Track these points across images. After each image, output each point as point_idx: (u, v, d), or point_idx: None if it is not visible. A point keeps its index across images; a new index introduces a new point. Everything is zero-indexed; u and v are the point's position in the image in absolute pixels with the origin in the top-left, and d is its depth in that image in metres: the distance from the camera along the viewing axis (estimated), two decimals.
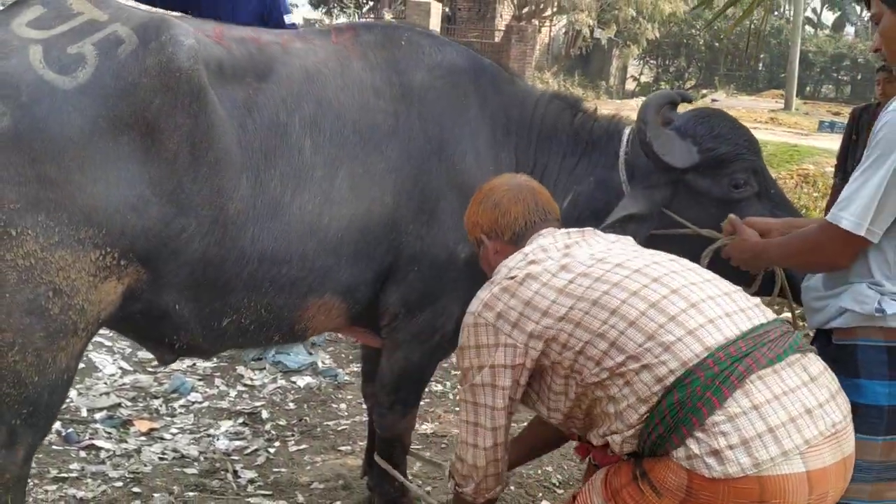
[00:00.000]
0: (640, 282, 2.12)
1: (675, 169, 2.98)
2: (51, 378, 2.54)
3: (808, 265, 2.48)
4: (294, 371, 5.31)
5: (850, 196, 2.26)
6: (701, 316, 2.05)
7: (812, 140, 17.65)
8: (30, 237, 2.36)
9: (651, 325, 2.04)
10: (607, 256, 2.25)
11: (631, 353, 2.04)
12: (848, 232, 2.24)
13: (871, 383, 2.33)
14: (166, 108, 2.49)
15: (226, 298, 2.80)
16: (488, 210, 2.51)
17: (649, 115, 2.95)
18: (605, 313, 2.09)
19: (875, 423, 2.33)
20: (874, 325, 2.31)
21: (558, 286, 2.18)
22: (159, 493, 3.76)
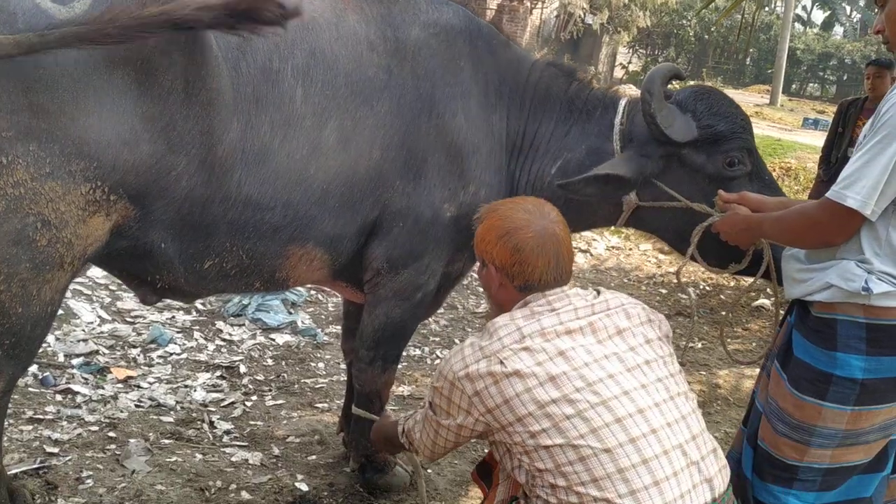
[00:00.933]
0: (618, 439, 2.06)
1: (673, 143, 3.01)
2: (35, 310, 2.54)
3: (803, 241, 2.50)
4: (273, 329, 5.33)
5: (853, 174, 2.27)
6: (659, 497, 2.04)
7: (795, 135, 17.80)
8: (20, 166, 2.35)
9: (611, 492, 2.03)
10: (598, 380, 2.13)
11: (583, 502, 2.04)
12: (851, 210, 2.26)
13: (848, 357, 2.37)
14: (162, 44, 2.48)
15: (209, 240, 2.81)
16: (507, 251, 2.30)
17: (655, 88, 2.97)
18: (574, 456, 2.06)
19: (847, 393, 2.39)
20: (857, 302, 2.35)
21: (540, 399, 2.09)
22: (135, 439, 3.77)
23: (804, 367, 2.45)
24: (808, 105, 29.23)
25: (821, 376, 2.40)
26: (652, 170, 3.07)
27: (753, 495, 2.59)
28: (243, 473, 3.64)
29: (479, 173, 3.16)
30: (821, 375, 2.40)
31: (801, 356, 2.46)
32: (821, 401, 2.40)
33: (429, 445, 2.44)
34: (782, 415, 2.50)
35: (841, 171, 2.36)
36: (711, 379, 5.53)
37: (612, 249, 8.60)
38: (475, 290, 6.78)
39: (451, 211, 3.14)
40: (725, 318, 6.65)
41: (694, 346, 6.13)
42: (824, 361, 2.40)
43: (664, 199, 3.07)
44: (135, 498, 3.30)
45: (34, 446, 3.59)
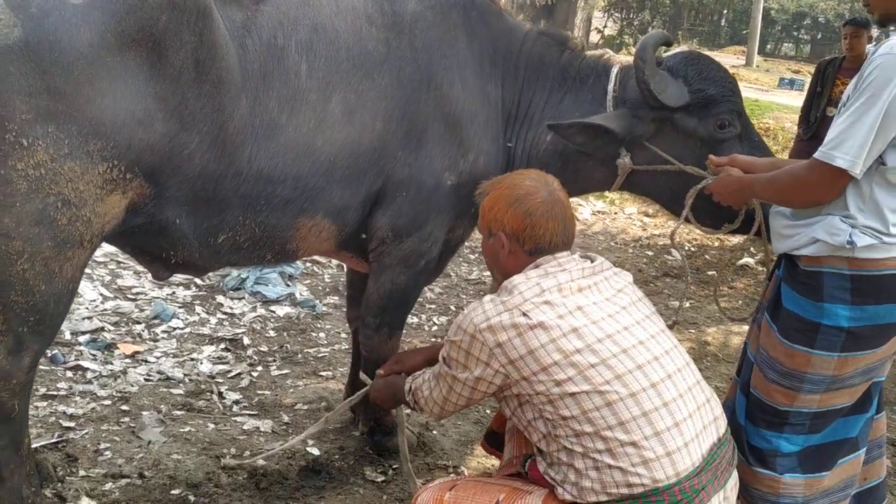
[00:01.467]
0: (640, 384, 2.20)
1: (666, 107, 3.11)
2: (57, 287, 2.62)
3: (793, 201, 2.61)
4: (273, 301, 5.43)
5: (840, 135, 2.38)
6: (680, 438, 2.20)
7: (772, 96, 17.95)
8: (40, 147, 2.42)
9: (637, 434, 2.16)
10: (616, 332, 2.27)
11: (611, 448, 2.16)
12: (839, 169, 2.38)
13: (834, 307, 2.52)
14: (173, 25, 2.55)
15: (223, 215, 2.90)
16: (519, 216, 2.42)
17: (648, 55, 3.07)
18: (601, 401, 2.17)
19: (834, 341, 2.54)
20: (842, 255, 2.49)
21: (566, 349, 2.20)
22: (148, 411, 3.88)
23: (793, 318, 2.58)
24: (784, 65, 29.36)
25: (809, 326, 2.54)
26: (643, 132, 3.17)
27: (747, 440, 2.74)
28: (255, 440, 3.75)
29: (478, 141, 3.25)
30: (809, 325, 2.55)
31: (791, 307, 2.60)
32: (810, 349, 2.55)
33: (439, 402, 2.53)
34: (773, 363, 2.64)
35: (820, 129, 2.49)
36: (701, 336, 5.69)
37: (597, 214, 8.73)
38: (467, 258, 6.90)
39: (452, 179, 3.24)
40: (713, 278, 6.80)
41: (683, 305, 6.28)
42: (812, 312, 2.53)
43: (658, 162, 3.18)
44: (153, 467, 3.41)
45: (50, 422, 3.68)
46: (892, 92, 2.29)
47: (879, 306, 2.49)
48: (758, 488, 2.71)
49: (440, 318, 5.60)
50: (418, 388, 2.67)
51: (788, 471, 2.67)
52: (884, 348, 2.58)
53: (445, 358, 2.46)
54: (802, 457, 2.68)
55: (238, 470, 3.44)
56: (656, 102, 3.10)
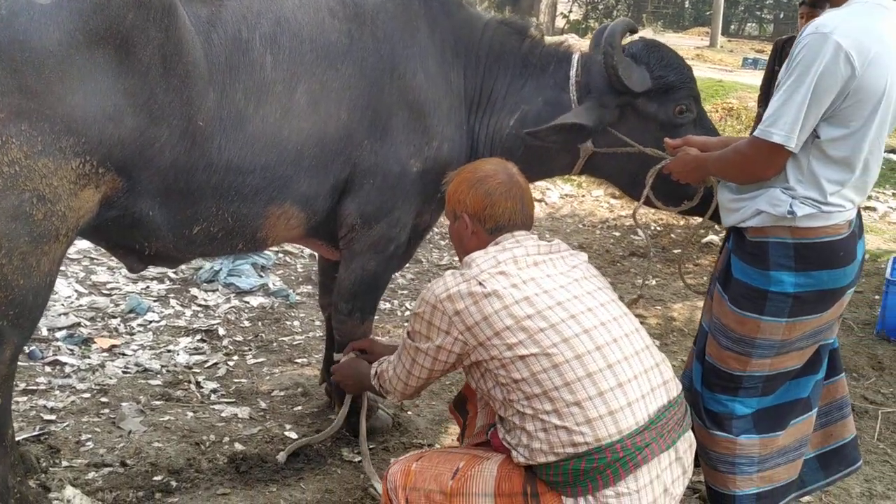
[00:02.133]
0: (586, 346, 2.33)
1: (629, 93, 3.23)
2: (35, 281, 2.69)
3: (740, 176, 2.75)
4: (246, 292, 5.50)
5: (775, 113, 2.54)
6: (623, 397, 2.31)
7: (736, 76, 18.14)
8: (14, 145, 2.49)
9: (581, 394, 2.28)
10: (566, 300, 2.41)
11: (557, 409, 2.28)
12: (777, 145, 2.53)
13: (780, 274, 2.67)
14: (139, 22, 2.62)
15: (196, 206, 2.97)
16: (479, 197, 2.59)
17: (615, 42, 3.18)
18: (548, 363, 2.30)
19: (781, 307, 2.69)
20: (784, 224, 2.64)
21: (517, 315, 2.34)
22: (127, 402, 3.95)
23: (743, 287, 2.73)
24: (748, 45, 29.60)
25: (758, 293, 2.69)
26: (609, 119, 3.28)
27: (704, 406, 2.88)
28: (234, 427, 3.84)
29: (441, 129, 3.35)
30: (758, 292, 2.69)
31: (740, 276, 2.74)
32: (759, 315, 2.70)
33: (403, 378, 2.66)
34: (726, 331, 2.78)
35: None
36: (667, 313, 5.84)
37: (565, 197, 8.86)
38: (437, 244, 7.00)
39: (417, 166, 3.33)
40: (679, 256, 6.95)
41: (649, 283, 6.43)
42: (760, 280, 2.68)
43: (618, 145, 3.30)
44: (135, 455, 3.49)
45: (31, 415, 3.75)
46: (819, 69, 2.44)
47: (822, 272, 2.64)
48: (715, 450, 2.85)
49: (412, 304, 5.70)
50: (383, 370, 2.79)
51: (744, 432, 2.81)
52: (829, 312, 2.73)
53: (409, 332, 2.59)
54: (756, 418, 2.82)
55: (219, 455, 3.53)
56: (622, 87, 3.21)
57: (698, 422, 2.88)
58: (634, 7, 37.66)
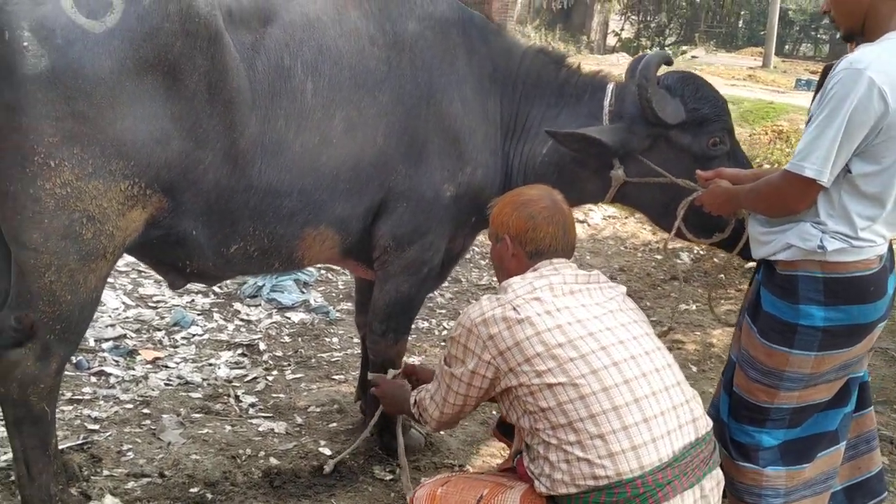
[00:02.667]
0: (614, 379, 2.35)
1: (663, 124, 3.26)
2: (82, 297, 2.82)
3: (772, 210, 2.76)
4: (288, 308, 5.61)
5: (808, 147, 2.55)
6: (648, 433, 2.32)
7: (788, 97, 17.88)
8: (66, 168, 2.62)
9: (606, 427, 2.30)
10: (598, 331, 2.43)
11: (581, 440, 2.31)
12: (809, 179, 2.54)
13: (809, 307, 2.67)
14: (186, 50, 2.73)
15: (235, 226, 3.08)
16: (522, 219, 2.63)
17: (650, 74, 3.22)
18: (575, 394, 2.32)
19: (811, 340, 2.69)
20: (814, 258, 2.65)
21: (548, 342, 2.37)
22: (168, 414, 4.07)
23: (772, 319, 2.73)
24: (802, 66, 29.20)
25: (787, 327, 2.70)
26: (637, 147, 3.31)
27: (730, 436, 2.89)
28: (270, 441, 3.93)
29: (476, 155, 3.41)
30: (787, 326, 2.70)
31: (769, 309, 2.75)
32: (789, 349, 2.70)
33: (439, 405, 2.68)
34: (754, 362, 2.79)
35: None
36: (706, 339, 5.81)
37: (608, 219, 8.85)
38: (477, 264, 7.05)
39: (451, 191, 3.40)
40: (717, 281, 6.91)
41: (689, 308, 6.41)
42: (789, 313, 2.68)
43: (650, 175, 3.32)
44: (173, 467, 3.59)
45: (76, 424, 3.88)
46: (852, 105, 2.45)
47: (852, 307, 2.63)
48: (742, 482, 2.85)
49: (450, 323, 5.76)
50: (421, 399, 2.83)
51: (770, 464, 2.82)
52: (858, 346, 2.72)
53: (446, 357, 2.63)
54: (783, 450, 2.82)
55: (254, 469, 3.62)
56: (656, 119, 3.24)
57: (724, 452, 2.88)
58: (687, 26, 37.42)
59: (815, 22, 37.58)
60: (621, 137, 3.27)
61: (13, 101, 2.55)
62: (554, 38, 27.77)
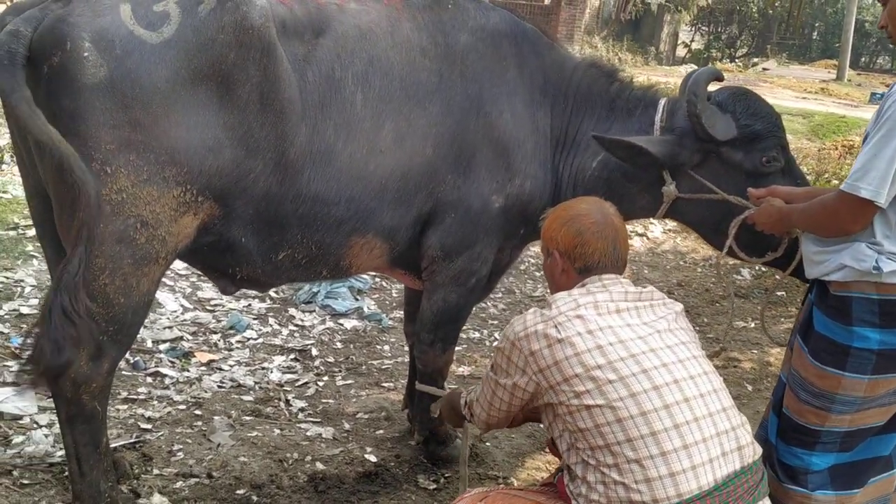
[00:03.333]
0: (653, 404, 2.28)
1: (713, 140, 3.21)
2: (134, 300, 2.90)
3: (825, 230, 2.70)
4: (341, 314, 5.67)
5: (864, 167, 2.48)
6: (688, 460, 2.25)
7: (861, 112, 17.44)
8: (122, 174, 2.70)
9: (643, 452, 2.24)
10: (640, 353, 2.36)
11: (618, 464, 2.26)
12: (865, 200, 2.47)
13: (864, 330, 2.60)
14: (240, 61, 2.80)
15: (283, 234, 3.13)
16: (570, 235, 2.58)
17: (700, 89, 3.18)
18: (612, 417, 2.27)
19: (865, 363, 2.62)
20: (869, 280, 2.57)
21: (587, 364, 2.31)
22: (219, 416, 4.14)
23: (825, 341, 2.66)
24: (878, 79, 28.46)
25: (840, 349, 2.63)
26: (687, 161, 3.26)
27: (778, 458, 2.82)
28: (317, 446, 3.97)
29: (525, 166, 3.41)
30: (840, 348, 2.63)
31: (822, 331, 2.68)
32: (841, 371, 2.63)
33: (485, 409, 2.67)
34: (805, 384, 2.72)
35: None
36: (763, 357, 5.69)
37: (668, 232, 8.73)
38: (532, 275, 7.03)
39: (500, 202, 3.40)
40: (776, 299, 6.76)
41: (747, 325, 6.28)
42: (843, 335, 2.61)
43: (702, 191, 3.27)
44: (221, 468, 3.66)
45: (129, 423, 3.98)
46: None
47: None
48: None
49: (501, 334, 5.75)
50: (471, 401, 2.83)
51: (819, 488, 2.75)
52: None
53: (492, 366, 2.61)
54: (832, 474, 2.75)
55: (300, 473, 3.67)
56: (705, 135, 3.19)
57: (772, 474, 2.82)
58: (759, 37, 36.78)
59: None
60: (669, 150, 3.23)
61: (72, 109, 2.64)
62: (622, 49, 27.59)
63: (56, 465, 3.52)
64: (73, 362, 2.87)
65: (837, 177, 9.71)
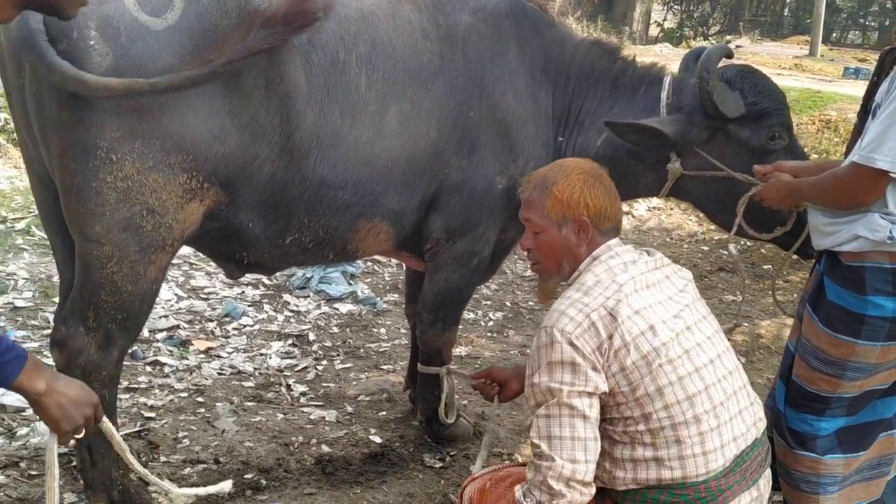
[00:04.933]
0: (696, 387, 2.27)
1: (722, 117, 3.24)
2: (142, 287, 2.89)
3: (838, 202, 2.71)
4: (336, 299, 5.69)
5: (879, 138, 2.49)
6: (719, 439, 2.29)
7: (836, 86, 17.54)
8: (128, 162, 2.69)
9: (683, 433, 2.25)
10: (680, 332, 2.32)
11: (655, 443, 2.27)
12: (881, 171, 2.48)
13: (879, 299, 2.62)
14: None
15: (290, 218, 3.13)
16: (601, 195, 2.44)
17: (712, 67, 3.20)
18: (660, 404, 2.25)
19: (878, 331, 2.65)
20: (883, 249, 2.61)
21: (642, 349, 2.23)
22: (221, 403, 4.15)
23: (838, 310, 2.70)
24: (850, 54, 28.61)
25: (854, 317, 2.66)
26: (696, 139, 3.29)
27: (787, 425, 2.87)
28: (321, 429, 3.99)
29: (528, 147, 3.43)
30: (854, 316, 2.66)
31: (835, 300, 2.71)
32: (855, 339, 2.67)
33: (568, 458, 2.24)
34: (817, 352, 2.76)
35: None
36: (754, 330, 5.77)
37: (653, 210, 8.80)
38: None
39: (503, 183, 3.42)
40: (768, 272, 6.85)
41: (737, 299, 6.36)
42: (857, 304, 2.65)
43: (708, 169, 3.30)
44: (228, 454, 3.67)
45: (133, 412, 3.98)
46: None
47: None
48: (799, 470, 2.83)
49: (496, 314, 5.80)
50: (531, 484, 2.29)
51: (828, 451, 2.80)
52: None
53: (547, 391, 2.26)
54: (840, 437, 2.80)
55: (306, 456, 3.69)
56: (716, 112, 3.22)
57: (781, 441, 2.87)
58: (731, 15, 36.89)
59: (863, 9, 36.82)
60: (681, 128, 3.26)
61: (78, 97, 2.62)
62: (596, 30, 27.53)
63: (62, 455, 3.51)
64: (83, 351, 2.88)
65: (816, 151, 9.82)
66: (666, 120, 3.31)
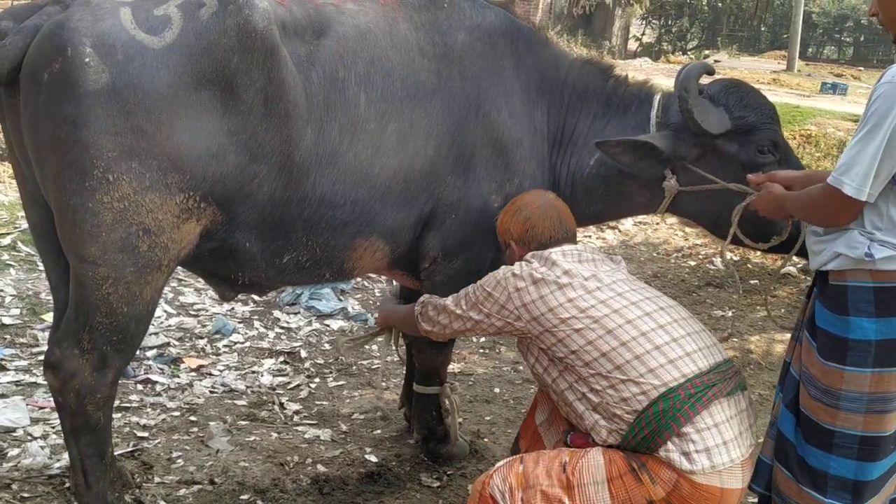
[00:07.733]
0: (635, 314, 2.70)
1: (708, 134, 3.24)
2: (137, 309, 2.86)
3: (815, 220, 2.74)
4: (326, 315, 5.65)
5: (849, 162, 2.50)
6: (679, 349, 2.66)
7: (814, 101, 17.72)
8: (124, 182, 2.67)
9: (638, 349, 2.62)
10: (613, 282, 2.79)
11: (619, 366, 2.62)
12: (848, 196, 2.49)
13: (860, 320, 2.58)
14: (243, 65, 2.77)
15: (288, 237, 3.11)
16: (520, 223, 3.02)
17: (691, 85, 3.20)
18: (602, 330, 2.66)
19: (863, 356, 2.59)
20: (864, 268, 2.58)
21: (569, 296, 2.72)
22: (214, 422, 4.11)
23: (825, 335, 2.65)
24: (826, 69, 28.96)
25: (838, 342, 2.61)
26: (686, 155, 3.29)
27: (799, 458, 2.75)
28: (316, 449, 3.96)
29: (524, 166, 3.42)
30: (838, 341, 2.61)
31: (821, 324, 2.67)
32: (842, 365, 2.60)
33: (444, 321, 3.06)
34: (813, 381, 2.68)
35: None
36: (743, 345, 5.79)
37: (639, 225, 8.82)
38: None
39: (499, 202, 3.40)
40: (756, 287, 6.87)
41: (726, 314, 6.38)
42: (839, 326, 2.61)
43: (702, 183, 3.30)
44: (223, 474, 3.63)
45: (125, 432, 3.93)
46: (894, 120, 2.40)
47: None
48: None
49: None
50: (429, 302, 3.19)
51: (837, 499, 2.67)
52: None
53: (469, 292, 2.97)
54: (855, 489, 2.67)
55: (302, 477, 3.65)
56: (699, 130, 3.22)
57: (788, 475, 2.77)
58: (709, 30, 37.25)
59: (839, 24, 37.31)
60: (671, 143, 3.25)
61: (74, 116, 2.60)
62: (576, 44, 27.72)
63: (56, 476, 3.46)
64: (77, 373, 2.84)
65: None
66: (655, 135, 3.31)
